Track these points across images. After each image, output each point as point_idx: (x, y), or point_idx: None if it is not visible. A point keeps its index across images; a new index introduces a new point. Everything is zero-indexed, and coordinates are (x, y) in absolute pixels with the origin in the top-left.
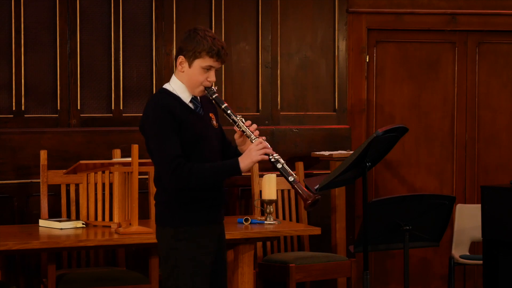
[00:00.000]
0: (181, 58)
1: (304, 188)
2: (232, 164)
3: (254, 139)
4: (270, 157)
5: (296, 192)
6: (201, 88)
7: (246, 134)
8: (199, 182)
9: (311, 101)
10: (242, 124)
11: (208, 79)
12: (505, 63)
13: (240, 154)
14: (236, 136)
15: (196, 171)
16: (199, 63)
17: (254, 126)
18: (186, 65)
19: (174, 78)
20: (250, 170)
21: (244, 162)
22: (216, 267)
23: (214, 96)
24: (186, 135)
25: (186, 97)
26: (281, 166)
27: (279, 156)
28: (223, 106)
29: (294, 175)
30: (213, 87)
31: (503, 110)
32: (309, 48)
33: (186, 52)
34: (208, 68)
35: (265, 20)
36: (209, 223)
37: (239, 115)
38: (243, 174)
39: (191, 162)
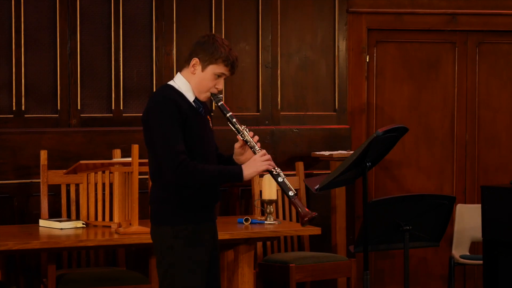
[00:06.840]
0: (195, 60)
1: (303, 205)
2: (236, 171)
3: (258, 150)
4: (273, 170)
5: (295, 208)
6: (208, 94)
7: (250, 145)
8: (200, 182)
9: (311, 101)
10: (247, 134)
11: (216, 86)
12: (505, 63)
13: (234, 163)
14: (237, 145)
15: (199, 171)
16: (213, 69)
17: (256, 137)
18: (199, 68)
19: (180, 76)
20: None
21: (248, 170)
22: (211, 265)
23: (219, 104)
24: (189, 133)
25: (190, 97)
26: (282, 180)
27: (280, 170)
28: (228, 115)
29: (294, 191)
30: (219, 95)
31: (503, 110)
32: (309, 48)
33: (202, 55)
34: (219, 75)
35: (265, 20)
36: (206, 221)
37: (243, 125)
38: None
39: (195, 161)
